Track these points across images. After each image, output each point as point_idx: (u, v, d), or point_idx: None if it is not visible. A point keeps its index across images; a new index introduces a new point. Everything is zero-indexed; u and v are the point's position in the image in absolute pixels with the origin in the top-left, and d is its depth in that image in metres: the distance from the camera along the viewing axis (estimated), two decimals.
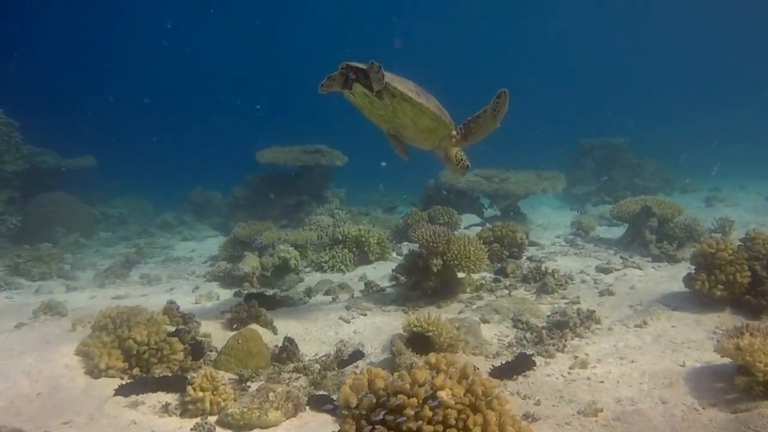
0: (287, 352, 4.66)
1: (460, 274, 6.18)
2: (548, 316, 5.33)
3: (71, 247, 12.26)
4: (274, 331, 5.34)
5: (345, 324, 5.52)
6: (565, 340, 4.73)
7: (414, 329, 4.37)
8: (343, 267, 7.75)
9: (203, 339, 4.98)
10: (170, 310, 5.11)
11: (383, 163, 14.53)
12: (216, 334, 5.19)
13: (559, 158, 20.25)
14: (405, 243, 9.44)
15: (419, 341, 4.38)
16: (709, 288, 5.02)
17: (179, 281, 8.18)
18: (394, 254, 8.89)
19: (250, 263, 7.33)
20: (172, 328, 4.72)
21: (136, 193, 20.58)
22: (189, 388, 3.70)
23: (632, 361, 4.24)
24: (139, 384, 3.99)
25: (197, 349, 4.62)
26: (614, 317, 5.31)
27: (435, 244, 5.77)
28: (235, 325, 5.29)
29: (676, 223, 8.44)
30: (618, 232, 10.23)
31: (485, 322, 5.23)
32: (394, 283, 6.67)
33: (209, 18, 48.35)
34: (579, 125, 30.00)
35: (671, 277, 6.46)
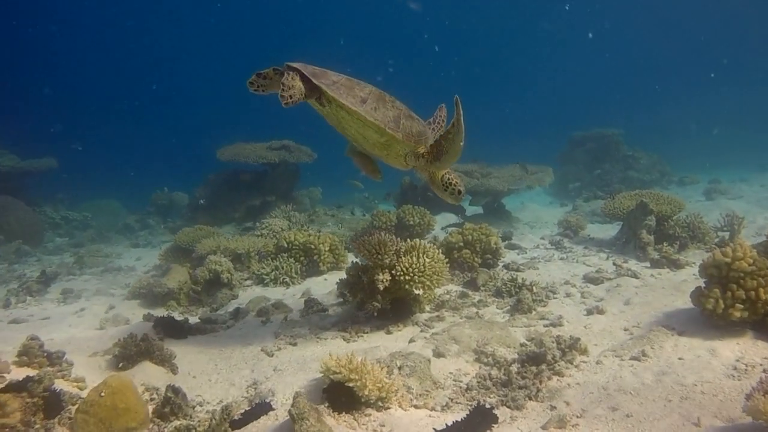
0: (171, 405, 3.51)
1: (418, 290, 5.03)
2: (521, 346, 4.22)
3: (9, 255, 11.08)
4: (174, 369, 4.20)
5: (266, 358, 4.38)
6: (540, 382, 3.61)
7: (332, 376, 3.24)
8: (288, 279, 6.54)
9: (72, 387, 3.83)
10: (30, 348, 3.96)
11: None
12: (94, 377, 4.03)
13: (551, 153, 19.33)
14: None
15: (341, 392, 3.25)
16: (725, 308, 3.91)
17: (100, 298, 6.99)
18: (357, 261, 7.73)
19: (176, 278, 6.16)
20: (26, 375, 3.57)
21: (111, 196, 19.40)
22: None
23: (628, 416, 3.12)
24: None
25: (52, 405, 3.46)
26: (605, 345, 4.20)
27: (380, 256, 4.62)
28: (120, 364, 4.15)
29: (676, 221, 7.33)
30: (612, 230, 9.12)
31: (440, 356, 4.09)
32: (342, 300, 5.54)
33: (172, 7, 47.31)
34: (573, 120, 29.00)
35: (675, 288, 5.34)
